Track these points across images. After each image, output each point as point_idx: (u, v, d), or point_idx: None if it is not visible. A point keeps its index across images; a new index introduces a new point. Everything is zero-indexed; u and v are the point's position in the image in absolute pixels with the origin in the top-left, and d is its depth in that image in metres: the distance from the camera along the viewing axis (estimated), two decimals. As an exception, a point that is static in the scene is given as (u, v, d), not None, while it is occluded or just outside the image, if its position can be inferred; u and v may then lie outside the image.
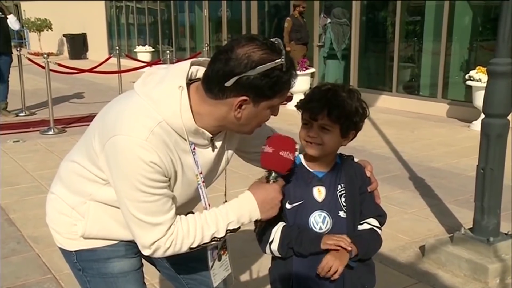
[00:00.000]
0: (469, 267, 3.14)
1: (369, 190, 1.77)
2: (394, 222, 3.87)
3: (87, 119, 7.79)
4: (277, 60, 1.41)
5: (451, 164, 5.60)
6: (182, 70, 1.51)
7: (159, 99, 1.46)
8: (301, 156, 1.74)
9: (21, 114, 8.70)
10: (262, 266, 3.14)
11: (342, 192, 1.71)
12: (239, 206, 1.56)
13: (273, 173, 1.61)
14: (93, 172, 1.56)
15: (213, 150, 1.60)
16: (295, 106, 1.70)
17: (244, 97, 1.43)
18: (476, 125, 7.16)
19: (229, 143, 1.68)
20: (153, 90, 1.48)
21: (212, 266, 1.67)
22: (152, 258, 1.89)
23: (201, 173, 1.57)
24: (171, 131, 1.48)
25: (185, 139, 1.50)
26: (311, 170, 1.72)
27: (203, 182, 1.59)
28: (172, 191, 1.53)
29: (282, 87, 1.46)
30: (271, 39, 1.46)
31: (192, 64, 1.54)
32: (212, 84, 1.44)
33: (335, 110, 1.60)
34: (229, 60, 1.40)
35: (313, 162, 1.71)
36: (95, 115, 1.66)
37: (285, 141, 1.61)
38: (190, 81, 1.52)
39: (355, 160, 1.82)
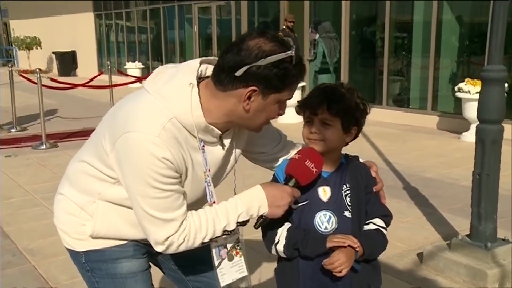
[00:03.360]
0: (468, 272, 3.16)
1: (374, 190, 1.79)
2: (390, 230, 3.82)
3: (79, 134, 7.73)
4: (287, 52, 1.43)
5: (444, 174, 5.65)
6: (192, 67, 1.53)
7: (170, 96, 1.48)
8: None
9: (13, 130, 8.66)
10: (268, 266, 3.14)
11: (347, 192, 1.72)
12: (248, 198, 1.57)
13: (292, 180, 1.63)
14: (102, 171, 1.57)
15: (221, 148, 1.61)
16: (296, 106, 1.72)
17: (253, 87, 1.45)
18: (466, 136, 7.25)
19: (237, 142, 1.69)
20: (164, 87, 1.50)
21: (219, 265, 1.66)
22: (159, 261, 1.89)
23: (209, 170, 1.58)
24: (181, 128, 1.49)
25: (195, 136, 1.51)
26: (316, 170, 1.73)
27: (211, 179, 1.60)
28: (183, 187, 1.54)
29: (291, 80, 1.48)
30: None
31: (201, 62, 1.56)
32: (223, 75, 1.45)
33: (335, 104, 1.63)
34: (240, 50, 1.43)
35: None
36: (87, 130, 1.68)
37: (315, 155, 1.64)
38: (199, 79, 1.54)
39: (361, 160, 1.84)
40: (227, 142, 1.63)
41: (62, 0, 19.91)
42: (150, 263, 1.82)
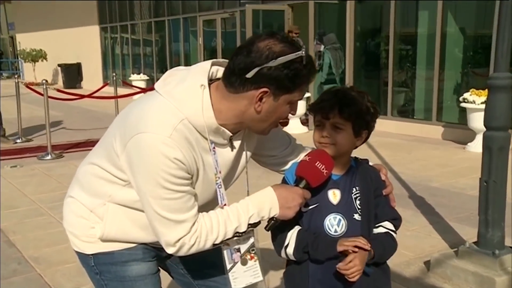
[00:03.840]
0: (476, 280, 3.14)
1: (384, 193, 1.79)
2: (396, 238, 3.88)
3: (85, 144, 7.75)
4: (297, 52, 1.44)
5: (450, 184, 5.63)
6: (203, 69, 1.53)
7: (181, 97, 1.48)
8: None
9: (18, 141, 8.68)
10: (275, 274, 3.12)
11: (357, 195, 1.72)
12: (259, 200, 1.57)
13: (303, 182, 1.63)
14: (112, 173, 1.57)
15: (231, 150, 1.62)
16: (307, 110, 1.73)
17: (264, 89, 1.45)
18: (472, 146, 7.24)
19: (247, 144, 1.69)
20: (175, 88, 1.50)
21: (231, 269, 1.65)
22: (167, 265, 1.89)
23: (220, 172, 1.58)
24: (193, 129, 1.49)
25: (206, 138, 1.52)
26: (326, 173, 1.73)
27: (222, 182, 1.59)
28: (194, 189, 1.54)
29: (302, 80, 1.48)
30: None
31: (212, 64, 1.56)
32: (234, 77, 1.46)
33: (347, 107, 1.64)
34: (250, 52, 1.43)
35: (329, 165, 1.73)
36: (92, 141, 1.67)
37: (325, 157, 1.64)
38: (210, 81, 1.54)
39: (370, 163, 1.84)
40: (237, 144, 1.63)
41: (68, 13, 20.11)
42: (159, 268, 1.82)
